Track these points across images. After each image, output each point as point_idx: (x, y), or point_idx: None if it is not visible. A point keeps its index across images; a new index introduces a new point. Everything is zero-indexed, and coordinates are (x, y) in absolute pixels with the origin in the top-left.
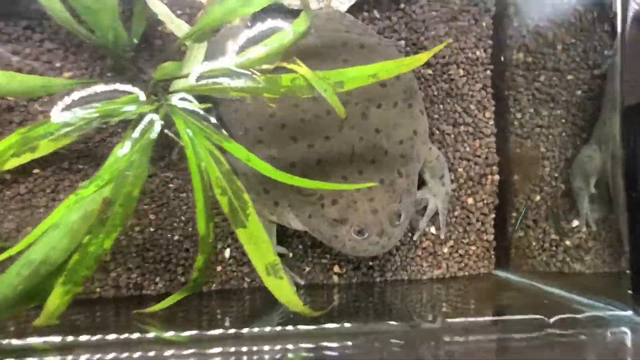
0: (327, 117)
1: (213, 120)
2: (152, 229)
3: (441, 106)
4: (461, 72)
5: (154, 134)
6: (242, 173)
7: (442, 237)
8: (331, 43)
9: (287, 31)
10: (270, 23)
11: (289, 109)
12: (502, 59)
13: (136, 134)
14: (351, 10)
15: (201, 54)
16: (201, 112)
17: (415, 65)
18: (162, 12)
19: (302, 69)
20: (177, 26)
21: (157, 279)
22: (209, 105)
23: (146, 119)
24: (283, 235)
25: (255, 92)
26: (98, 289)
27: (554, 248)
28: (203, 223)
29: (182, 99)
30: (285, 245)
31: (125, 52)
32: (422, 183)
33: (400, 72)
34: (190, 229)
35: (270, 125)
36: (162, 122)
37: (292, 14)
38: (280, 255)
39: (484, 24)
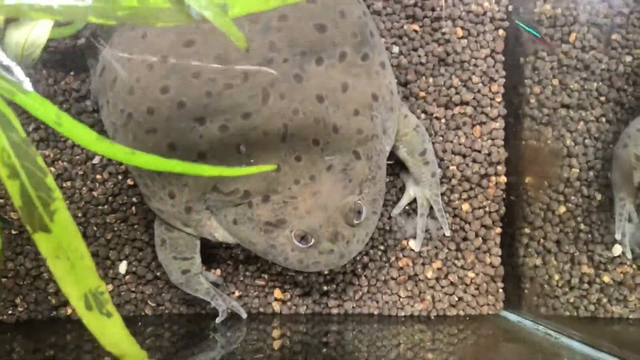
0: (244, 85)
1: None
2: (13, 232)
3: (430, 79)
4: (460, 31)
5: None
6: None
7: (448, 234)
8: None
9: None
10: None
11: (187, 79)
12: (521, 11)
13: None
14: None
15: None
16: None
17: None
18: None
19: None
20: None
21: (18, 301)
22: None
23: None
24: (203, 247)
25: (72, 14)
26: None
27: (585, 285)
28: None
29: None
30: (209, 260)
31: None
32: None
33: None
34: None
35: (163, 106)
36: None
37: None
38: (215, 284)
39: None
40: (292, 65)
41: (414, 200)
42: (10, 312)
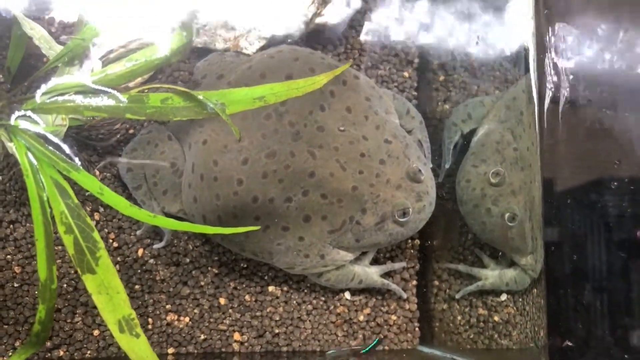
0: (296, 158)
1: None
2: (15, 284)
3: None
4: None
5: None
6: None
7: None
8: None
9: (156, 47)
10: None
11: (258, 178)
12: (427, 110)
13: None
14: None
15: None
16: (49, 135)
17: (308, 89)
18: (39, 35)
19: (176, 88)
20: (55, 52)
21: (17, 344)
22: (62, 126)
23: None
24: (173, 297)
25: (115, 112)
26: None
27: (481, 324)
28: (44, 266)
29: (25, 117)
30: (178, 309)
31: None
32: None
33: (291, 96)
34: (65, 285)
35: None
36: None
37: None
38: None
39: (406, 74)
40: (311, 124)
41: None
42: (10, 354)
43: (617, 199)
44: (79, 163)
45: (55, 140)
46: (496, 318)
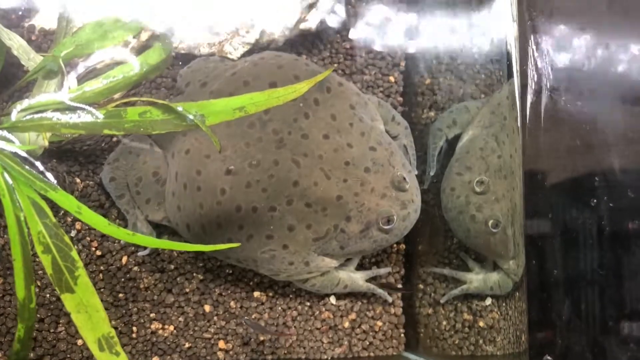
0: (279, 167)
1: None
2: None
3: None
4: None
5: None
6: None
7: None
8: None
9: (132, 64)
10: None
11: (242, 187)
12: (412, 116)
13: None
14: None
15: (50, 90)
16: (24, 154)
17: (289, 98)
18: (17, 45)
19: (155, 101)
20: (35, 62)
21: (0, 355)
22: (40, 146)
23: None
24: (158, 305)
25: (92, 128)
26: None
27: (466, 329)
28: (22, 285)
29: (0, 136)
30: (162, 317)
31: None
32: None
33: (271, 105)
34: (47, 295)
35: (227, 203)
36: None
37: None
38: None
39: (392, 78)
40: (296, 132)
41: None
42: None
43: (596, 213)
44: (55, 181)
45: (30, 159)
46: (481, 323)
